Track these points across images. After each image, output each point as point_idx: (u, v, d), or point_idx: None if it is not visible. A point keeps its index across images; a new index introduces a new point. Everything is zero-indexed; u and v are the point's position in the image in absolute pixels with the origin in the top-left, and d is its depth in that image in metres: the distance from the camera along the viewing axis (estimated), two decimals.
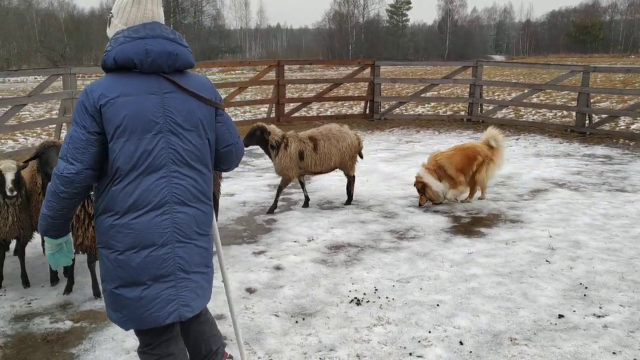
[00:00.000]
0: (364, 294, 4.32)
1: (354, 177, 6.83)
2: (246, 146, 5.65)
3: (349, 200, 6.84)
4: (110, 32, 2.47)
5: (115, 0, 2.49)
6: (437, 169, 6.56)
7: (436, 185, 6.53)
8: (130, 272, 2.34)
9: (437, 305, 4.11)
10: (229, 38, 75.51)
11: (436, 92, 18.57)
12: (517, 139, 11.48)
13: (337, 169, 6.73)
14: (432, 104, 16.30)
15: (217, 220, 5.94)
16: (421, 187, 6.57)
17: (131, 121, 2.27)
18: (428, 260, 5.00)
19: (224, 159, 2.63)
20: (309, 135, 6.52)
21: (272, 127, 6.36)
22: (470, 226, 6.00)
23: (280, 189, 6.60)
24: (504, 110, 14.49)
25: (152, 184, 2.32)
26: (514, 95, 16.95)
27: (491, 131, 6.93)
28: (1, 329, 3.81)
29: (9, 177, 4.00)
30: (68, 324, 3.89)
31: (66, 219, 2.42)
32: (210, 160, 2.52)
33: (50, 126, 11.71)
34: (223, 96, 16.43)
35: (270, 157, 6.43)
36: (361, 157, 6.83)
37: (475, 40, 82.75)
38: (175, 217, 2.37)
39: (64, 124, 10.34)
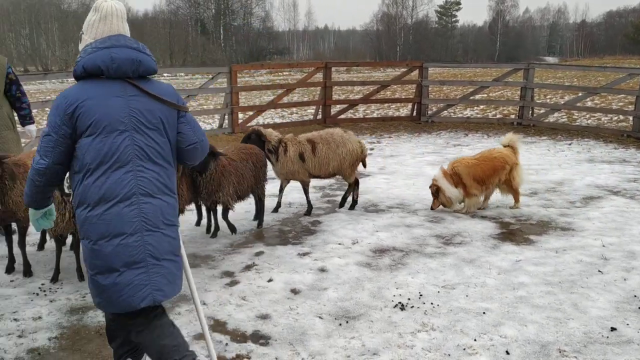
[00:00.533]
0: (409, 299, 4.29)
1: (356, 181, 6.70)
2: None
3: (353, 205, 6.72)
4: (81, 47, 2.76)
5: (86, 19, 2.78)
6: (453, 174, 6.44)
7: (450, 191, 6.40)
8: (104, 259, 2.56)
9: (483, 313, 4.05)
10: (277, 39, 76.25)
11: (485, 95, 18.24)
12: (569, 144, 11.15)
13: (338, 175, 6.64)
14: (482, 106, 16.01)
15: (262, 220, 6.06)
16: (435, 190, 6.46)
17: (100, 121, 2.54)
18: (474, 267, 4.93)
19: (190, 156, 2.86)
20: (308, 138, 6.38)
21: (268, 131, 6.23)
22: (519, 233, 5.88)
23: (305, 191, 6.61)
24: (556, 114, 14.09)
25: (119, 178, 2.56)
26: (567, 98, 16.47)
27: (510, 135, 6.83)
28: (58, 320, 3.98)
29: (68, 175, 4.16)
30: None
31: (43, 197, 2.77)
32: (172, 157, 2.76)
33: None
34: (271, 97, 16.64)
35: (269, 160, 6.29)
36: (364, 165, 6.71)
37: (527, 41, 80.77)
38: (142, 207, 2.59)
39: None
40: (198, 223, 6.09)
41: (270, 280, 4.63)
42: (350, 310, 4.13)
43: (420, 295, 4.36)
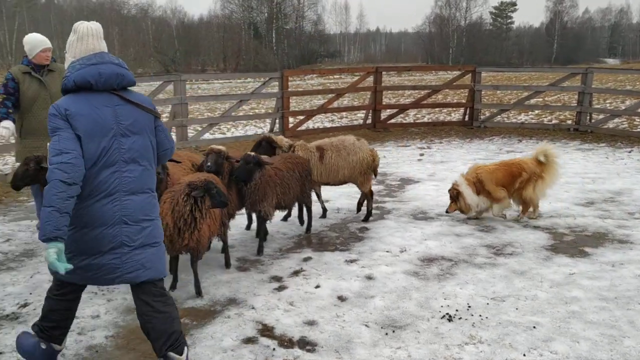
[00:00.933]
0: (457, 310, 4.25)
1: (371, 192, 6.61)
2: None
3: (367, 217, 6.59)
4: (66, 65, 3.11)
5: (67, 40, 3.14)
6: (477, 182, 6.34)
7: (471, 197, 6.31)
8: (85, 244, 2.94)
9: (534, 327, 3.96)
10: (329, 42, 76.53)
11: (541, 99, 17.75)
12: (629, 152, 10.71)
13: (350, 183, 6.56)
14: (537, 111, 15.60)
15: (310, 227, 6.10)
16: (455, 194, 6.37)
17: (92, 128, 2.87)
18: (526, 279, 4.83)
19: (162, 159, 3.30)
20: (317, 145, 6.32)
21: (279, 138, 6.23)
22: (573, 245, 5.71)
23: (318, 195, 6.67)
24: (616, 120, 13.56)
25: (106, 177, 2.92)
26: (628, 103, 15.83)
27: (543, 146, 6.58)
28: (114, 319, 4.16)
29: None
30: None
31: (68, 214, 2.78)
32: (152, 158, 3.13)
33: None
34: (321, 101, 16.74)
35: None
36: (374, 174, 6.57)
37: (586, 42, 77.91)
38: (123, 203, 2.96)
39: (173, 128, 11.03)
40: (248, 227, 6.22)
41: (317, 287, 4.68)
42: (397, 320, 4.12)
43: (469, 306, 4.31)
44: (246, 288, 4.68)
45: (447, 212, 6.53)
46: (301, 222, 6.28)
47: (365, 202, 6.69)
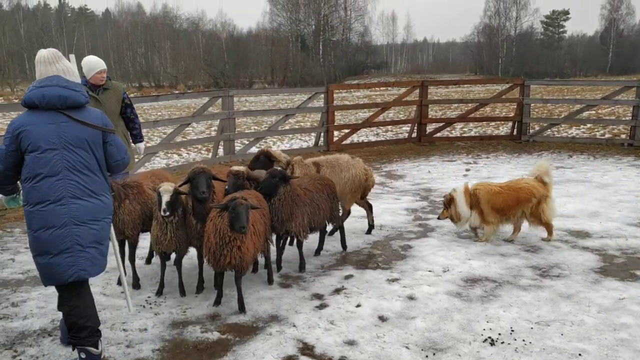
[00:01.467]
0: (499, 334, 4.19)
1: (348, 212, 6.71)
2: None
3: (369, 230, 6.80)
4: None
5: None
6: (472, 196, 6.29)
7: (462, 207, 6.28)
8: (41, 245, 3.41)
9: (579, 354, 3.87)
10: (375, 54, 76.50)
11: (594, 112, 17.22)
12: None
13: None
14: (589, 125, 15.16)
15: (345, 245, 6.12)
16: (448, 201, 6.35)
17: (37, 142, 3.39)
18: (572, 303, 4.71)
19: (115, 169, 3.76)
20: (314, 161, 6.43)
21: (277, 153, 6.24)
22: (624, 267, 5.53)
23: (367, 210, 6.85)
24: None
25: (52, 184, 3.40)
26: None
27: (543, 165, 6.43)
28: (161, 333, 4.30)
29: (165, 198, 4.51)
30: (216, 334, 4.28)
31: (4, 191, 3.72)
32: (97, 168, 3.57)
33: (209, 144, 12.85)
34: (367, 115, 16.76)
35: None
36: (364, 195, 6.68)
37: None
38: (70, 207, 3.42)
39: (221, 142, 11.30)
40: (291, 243, 6.30)
41: (358, 306, 4.71)
42: (438, 342, 4.10)
43: (512, 330, 4.24)
44: (288, 305, 4.75)
45: (438, 218, 6.61)
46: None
47: (367, 215, 6.88)
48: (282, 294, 5.00)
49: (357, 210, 7.83)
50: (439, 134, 14.06)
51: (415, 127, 13.70)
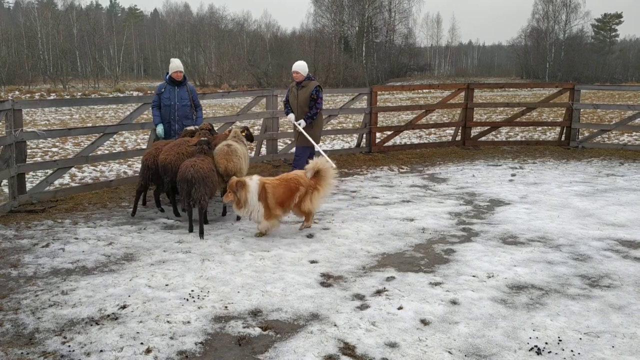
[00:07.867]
0: (546, 343, 4.07)
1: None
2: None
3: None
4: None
5: None
6: (262, 189, 6.41)
7: (252, 196, 6.33)
8: None
9: None
10: (419, 56, 75.86)
11: None
12: None
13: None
14: None
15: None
16: (242, 184, 6.34)
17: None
18: (624, 315, 4.53)
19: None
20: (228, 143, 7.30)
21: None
22: None
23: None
24: None
25: None
26: None
27: (315, 163, 6.74)
28: (204, 326, 4.36)
29: None
30: (257, 330, 4.30)
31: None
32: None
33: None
34: (410, 117, 16.60)
35: None
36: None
37: None
38: None
39: (264, 141, 11.40)
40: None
41: (400, 308, 4.65)
42: (482, 349, 4.01)
43: (560, 340, 4.11)
44: (329, 304, 4.74)
45: (223, 201, 6.93)
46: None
47: None
48: (323, 293, 5.00)
49: (400, 212, 7.76)
50: (483, 138, 13.81)
51: (460, 130, 13.50)
